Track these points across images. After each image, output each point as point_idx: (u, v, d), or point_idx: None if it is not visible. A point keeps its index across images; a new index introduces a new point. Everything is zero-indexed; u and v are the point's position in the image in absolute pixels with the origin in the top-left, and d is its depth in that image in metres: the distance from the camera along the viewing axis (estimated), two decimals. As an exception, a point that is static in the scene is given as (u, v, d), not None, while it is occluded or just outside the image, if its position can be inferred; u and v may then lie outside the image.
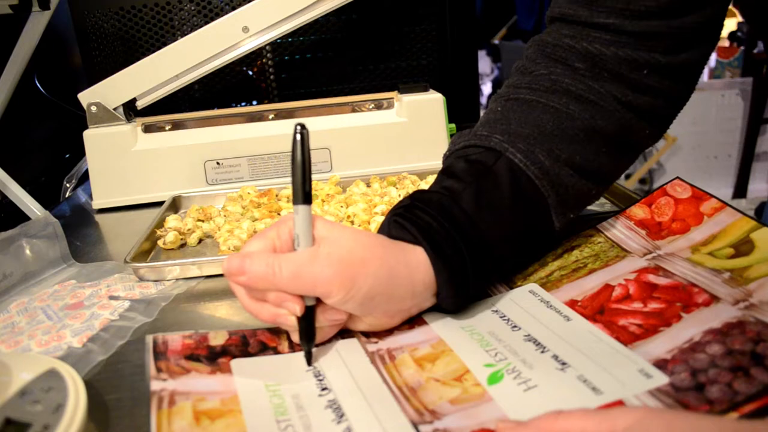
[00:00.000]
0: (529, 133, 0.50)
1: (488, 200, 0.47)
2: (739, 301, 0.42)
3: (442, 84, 1.11)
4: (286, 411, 0.37)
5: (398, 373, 0.41)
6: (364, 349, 0.44)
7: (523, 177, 0.49)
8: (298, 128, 0.40)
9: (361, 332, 0.46)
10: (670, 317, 0.42)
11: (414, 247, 0.44)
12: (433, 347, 0.43)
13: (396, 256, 0.43)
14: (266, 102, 1.10)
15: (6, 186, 0.81)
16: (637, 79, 0.51)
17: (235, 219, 0.70)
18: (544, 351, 0.41)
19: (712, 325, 0.40)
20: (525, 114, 0.51)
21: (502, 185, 0.48)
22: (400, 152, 0.86)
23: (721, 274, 0.45)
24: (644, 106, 0.52)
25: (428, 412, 0.37)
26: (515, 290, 0.50)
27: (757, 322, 0.39)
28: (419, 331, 0.46)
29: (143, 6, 1.02)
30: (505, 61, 3.24)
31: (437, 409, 0.37)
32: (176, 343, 0.44)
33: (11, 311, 0.55)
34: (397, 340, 0.45)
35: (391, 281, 0.42)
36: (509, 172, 0.48)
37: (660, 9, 0.49)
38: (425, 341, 0.44)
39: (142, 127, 0.86)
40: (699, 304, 0.43)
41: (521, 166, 0.49)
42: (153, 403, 0.37)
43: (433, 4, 1.08)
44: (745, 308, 0.41)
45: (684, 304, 0.43)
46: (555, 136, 0.50)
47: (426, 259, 0.43)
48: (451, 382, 0.39)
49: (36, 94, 1.12)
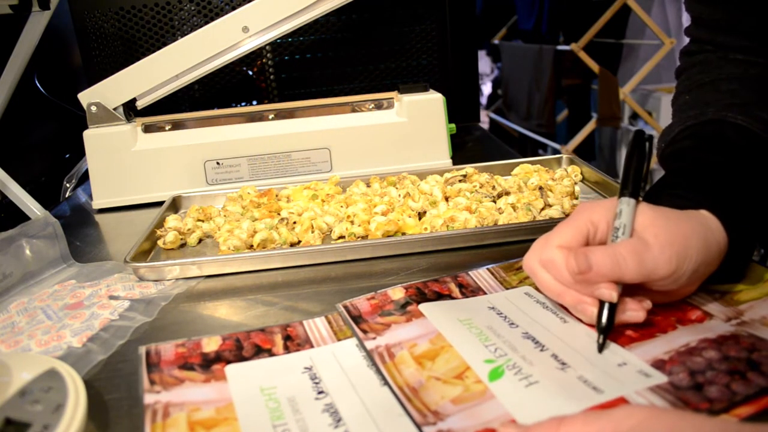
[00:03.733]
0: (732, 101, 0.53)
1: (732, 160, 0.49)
2: (731, 319, 0.43)
3: (442, 84, 1.12)
4: (282, 415, 0.37)
5: (398, 372, 0.41)
6: (363, 347, 0.44)
7: (750, 135, 0.50)
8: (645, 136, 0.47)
9: (361, 329, 0.46)
10: (665, 326, 0.43)
11: (700, 212, 0.45)
12: (432, 342, 0.44)
13: (700, 223, 0.44)
14: (266, 102, 1.10)
15: (6, 186, 0.81)
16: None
17: (235, 219, 0.70)
18: (543, 350, 0.41)
19: (707, 335, 0.41)
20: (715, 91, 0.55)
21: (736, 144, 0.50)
22: (400, 152, 0.86)
23: (712, 294, 0.46)
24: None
25: (431, 413, 0.37)
26: (510, 291, 0.50)
27: (750, 336, 0.40)
28: (417, 324, 0.46)
29: (143, 6, 1.02)
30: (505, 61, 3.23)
31: (440, 409, 0.37)
32: (169, 352, 0.44)
33: (11, 311, 0.55)
34: (395, 335, 0.45)
35: (708, 249, 0.43)
36: (738, 134, 0.50)
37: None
38: (424, 335, 0.44)
39: (142, 127, 0.86)
40: (693, 320, 0.43)
41: (746, 126, 0.51)
42: (147, 417, 0.37)
43: (433, 4, 1.08)
44: (738, 325, 0.42)
45: (679, 318, 0.44)
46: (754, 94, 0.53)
47: (716, 220, 0.44)
48: (452, 381, 0.39)
49: (36, 94, 1.12)
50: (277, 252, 0.61)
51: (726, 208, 0.45)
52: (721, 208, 0.44)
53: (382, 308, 0.49)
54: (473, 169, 0.76)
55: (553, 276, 0.44)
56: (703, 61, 0.59)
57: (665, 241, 0.41)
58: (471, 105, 1.18)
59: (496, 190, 0.71)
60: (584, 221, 0.44)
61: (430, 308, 0.48)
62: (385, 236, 0.63)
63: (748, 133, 0.51)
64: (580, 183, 0.78)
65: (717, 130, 0.52)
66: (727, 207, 0.45)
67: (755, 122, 0.51)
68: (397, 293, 0.51)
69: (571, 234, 0.44)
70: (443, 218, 0.65)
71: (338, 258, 0.61)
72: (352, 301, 0.50)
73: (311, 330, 0.47)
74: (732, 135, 0.51)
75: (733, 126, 0.51)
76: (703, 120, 0.53)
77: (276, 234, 0.65)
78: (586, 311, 0.42)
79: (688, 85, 0.59)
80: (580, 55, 2.25)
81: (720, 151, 0.50)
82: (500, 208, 0.66)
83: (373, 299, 0.51)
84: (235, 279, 0.60)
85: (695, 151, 0.51)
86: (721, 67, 0.57)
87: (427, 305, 0.48)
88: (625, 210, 0.43)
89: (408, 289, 0.51)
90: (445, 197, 0.71)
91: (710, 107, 0.54)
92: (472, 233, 0.62)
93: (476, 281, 0.53)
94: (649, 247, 0.41)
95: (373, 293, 0.51)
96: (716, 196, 0.45)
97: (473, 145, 1.07)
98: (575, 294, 0.43)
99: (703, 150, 0.50)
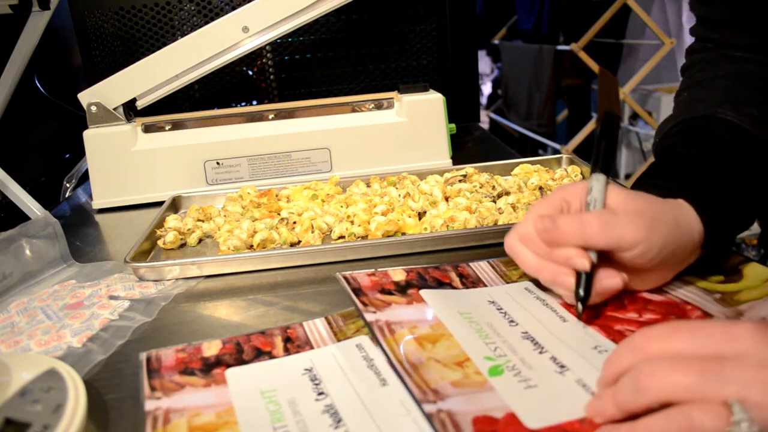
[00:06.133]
0: (725, 98, 0.53)
1: (716, 153, 0.50)
2: (731, 319, 0.42)
3: (442, 84, 1.11)
4: (282, 417, 0.37)
5: (399, 347, 0.41)
6: (363, 318, 0.44)
7: (738, 130, 0.51)
8: (613, 116, 0.49)
9: (360, 301, 0.46)
10: None
11: (676, 200, 0.46)
12: (433, 329, 0.44)
13: (673, 207, 0.45)
14: (266, 102, 1.10)
15: (6, 186, 0.81)
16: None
17: (235, 219, 0.70)
18: (542, 352, 0.41)
19: None
20: (711, 88, 0.56)
21: (723, 139, 0.51)
22: (400, 152, 0.86)
23: (713, 294, 0.46)
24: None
25: (431, 390, 0.37)
26: (511, 285, 0.51)
27: None
28: (417, 308, 0.46)
29: (143, 6, 1.02)
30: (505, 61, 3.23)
31: (440, 389, 0.37)
32: (169, 358, 0.44)
33: (11, 311, 0.55)
34: (395, 314, 0.45)
35: (679, 230, 0.44)
36: (725, 129, 0.51)
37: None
38: (424, 321, 0.45)
39: (142, 127, 0.86)
40: (692, 319, 0.43)
41: (735, 122, 0.51)
42: (148, 423, 0.37)
43: (433, 4, 1.08)
44: None
45: (678, 318, 0.44)
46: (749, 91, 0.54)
47: (691, 209, 0.45)
48: (452, 366, 0.39)
49: (36, 94, 1.12)
50: (277, 252, 0.61)
51: (702, 197, 0.46)
52: (698, 197, 0.45)
53: (382, 286, 0.50)
54: (473, 169, 0.76)
55: (530, 250, 0.45)
56: (704, 60, 0.60)
57: (633, 210, 0.43)
58: (471, 105, 1.18)
59: (496, 190, 0.71)
60: (557, 198, 0.46)
61: (432, 295, 0.48)
62: (385, 236, 0.63)
63: (736, 129, 0.51)
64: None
65: (706, 125, 0.52)
66: (703, 197, 0.46)
67: (745, 118, 0.51)
68: (398, 275, 0.52)
69: (545, 209, 0.45)
70: (443, 218, 0.65)
71: (338, 258, 0.61)
72: (352, 273, 0.50)
73: (311, 331, 0.47)
74: (720, 130, 0.51)
75: (722, 121, 0.52)
76: (694, 116, 0.54)
77: (276, 234, 0.65)
78: (565, 282, 0.44)
79: (688, 82, 0.60)
80: (580, 55, 2.25)
81: (705, 145, 0.50)
82: (500, 208, 0.66)
83: (373, 276, 0.51)
84: (235, 279, 0.60)
85: (681, 145, 0.52)
86: (719, 65, 0.58)
87: (428, 292, 0.48)
88: (595, 186, 0.45)
89: (409, 273, 0.52)
90: (445, 197, 0.71)
91: (703, 103, 0.54)
92: (472, 233, 0.62)
93: (477, 273, 0.53)
94: (616, 214, 0.43)
95: (374, 270, 0.52)
96: (694, 186, 0.46)
97: (473, 145, 1.07)
98: (553, 267, 0.44)
99: (690, 144, 0.51)
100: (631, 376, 0.31)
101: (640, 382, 0.31)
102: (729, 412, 0.28)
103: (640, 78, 2.32)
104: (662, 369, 0.30)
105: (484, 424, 0.34)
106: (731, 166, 0.49)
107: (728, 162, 0.49)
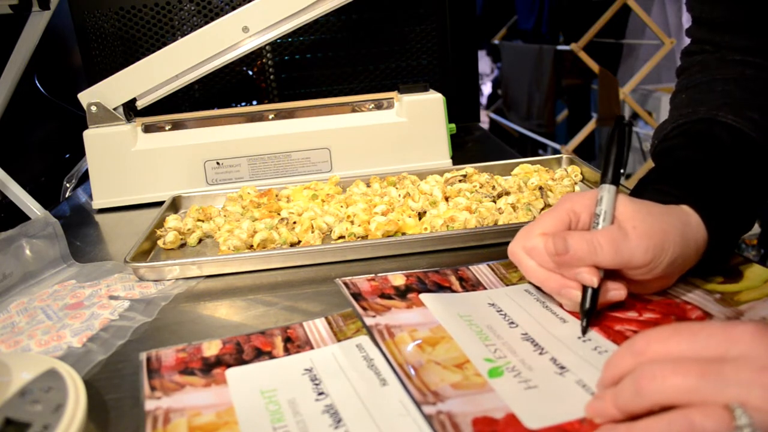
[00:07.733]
0: (725, 101, 0.53)
1: (718, 157, 0.49)
2: (731, 319, 0.43)
3: (442, 84, 1.11)
4: (282, 417, 0.37)
5: (398, 350, 0.41)
6: (362, 322, 0.44)
7: (739, 133, 0.51)
8: (625, 122, 0.48)
9: (360, 305, 0.46)
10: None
11: (681, 207, 0.45)
12: (433, 332, 0.44)
13: (679, 218, 0.44)
14: (266, 102, 1.10)
15: (6, 186, 0.81)
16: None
17: (235, 219, 0.70)
18: (542, 353, 0.41)
19: None
20: (710, 91, 0.55)
21: (725, 143, 0.50)
22: (400, 152, 0.86)
23: (713, 294, 0.46)
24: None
25: (431, 392, 0.37)
26: (511, 287, 0.51)
27: None
28: (417, 312, 0.46)
29: (143, 6, 1.02)
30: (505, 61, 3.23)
31: (440, 391, 0.37)
32: (170, 357, 0.44)
33: (11, 311, 0.55)
34: (395, 318, 0.45)
35: (685, 244, 0.44)
36: (726, 132, 0.51)
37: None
38: (424, 324, 0.45)
39: (142, 127, 0.86)
40: (692, 319, 0.43)
41: (735, 125, 0.51)
42: (148, 423, 0.37)
43: (433, 4, 1.08)
44: None
45: (678, 317, 0.43)
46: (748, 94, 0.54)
47: (696, 216, 0.45)
48: (452, 368, 0.39)
49: (36, 94, 1.12)
50: (277, 252, 0.61)
51: (707, 204, 0.45)
52: (702, 204, 0.45)
53: (382, 291, 0.50)
54: (473, 169, 0.76)
55: (537, 262, 0.45)
56: (701, 62, 0.60)
57: (643, 232, 0.42)
58: (471, 105, 1.18)
59: (496, 190, 0.71)
60: (566, 211, 0.46)
61: (431, 299, 0.48)
62: (385, 236, 0.63)
63: (737, 132, 0.51)
64: (580, 183, 0.78)
65: (706, 128, 0.52)
66: (708, 203, 0.45)
67: (745, 121, 0.51)
68: (397, 279, 0.52)
69: (552, 223, 0.45)
70: (443, 218, 0.65)
71: (338, 258, 0.61)
72: (351, 278, 0.50)
73: (311, 331, 0.47)
74: (720, 133, 0.51)
75: (723, 125, 0.51)
76: (694, 119, 0.54)
77: (276, 234, 0.65)
78: (570, 294, 0.44)
79: (685, 84, 0.60)
80: (580, 55, 2.25)
81: (706, 149, 0.50)
82: (500, 208, 0.66)
83: (373, 281, 0.51)
84: (235, 279, 0.60)
85: (682, 149, 0.51)
86: (718, 68, 0.58)
87: (428, 296, 0.49)
88: (605, 197, 0.44)
89: (409, 277, 0.52)
90: (445, 197, 0.71)
91: (703, 106, 0.54)
92: (472, 233, 0.62)
93: (476, 276, 0.53)
94: (627, 236, 0.42)
95: (373, 275, 0.52)
96: (698, 193, 0.46)
97: (473, 145, 1.07)
98: (559, 278, 0.44)
99: (690, 147, 0.51)
100: (631, 378, 0.31)
101: (641, 385, 0.31)
102: (730, 416, 0.28)
103: (640, 78, 2.32)
104: (663, 372, 0.30)
105: (484, 424, 0.34)
106: (734, 172, 0.49)
107: (731, 167, 0.49)
